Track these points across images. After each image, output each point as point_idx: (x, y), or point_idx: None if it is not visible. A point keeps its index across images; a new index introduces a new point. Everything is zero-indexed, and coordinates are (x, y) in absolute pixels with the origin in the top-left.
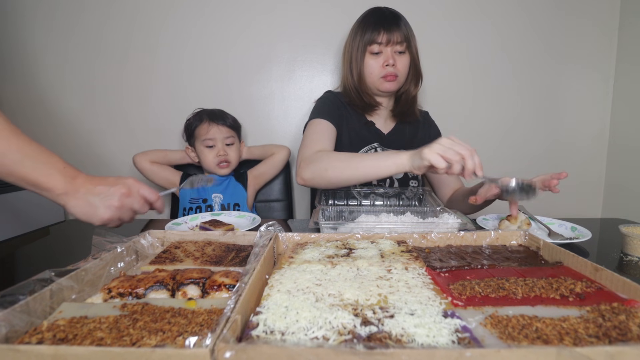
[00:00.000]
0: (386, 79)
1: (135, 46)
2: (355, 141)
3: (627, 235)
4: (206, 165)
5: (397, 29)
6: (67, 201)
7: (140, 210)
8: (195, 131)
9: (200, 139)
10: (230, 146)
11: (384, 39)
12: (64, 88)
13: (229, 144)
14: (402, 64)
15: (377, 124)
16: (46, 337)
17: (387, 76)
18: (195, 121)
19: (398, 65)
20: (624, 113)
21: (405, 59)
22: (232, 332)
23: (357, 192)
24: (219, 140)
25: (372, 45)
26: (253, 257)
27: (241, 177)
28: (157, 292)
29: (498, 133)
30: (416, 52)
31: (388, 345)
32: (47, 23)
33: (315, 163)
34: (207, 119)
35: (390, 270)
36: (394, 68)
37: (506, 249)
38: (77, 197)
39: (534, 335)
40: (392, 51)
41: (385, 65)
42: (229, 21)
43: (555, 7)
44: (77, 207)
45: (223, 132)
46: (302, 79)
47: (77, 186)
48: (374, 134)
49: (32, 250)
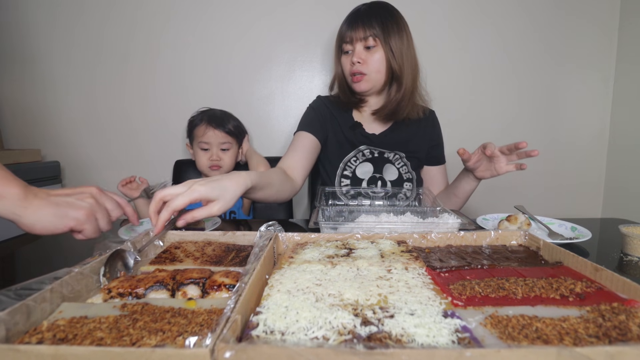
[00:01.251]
0: (354, 79)
1: (136, 46)
2: (344, 146)
3: (627, 235)
4: (199, 165)
5: (363, 25)
6: (26, 207)
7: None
8: (194, 131)
9: (197, 140)
10: (225, 151)
11: (349, 37)
12: (64, 88)
13: (225, 149)
14: (372, 60)
15: (366, 125)
16: (46, 337)
17: (353, 75)
18: (196, 120)
19: (367, 61)
20: (624, 113)
21: (376, 54)
22: (232, 332)
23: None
24: (214, 145)
25: (343, 44)
26: (253, 257)
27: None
28: (157, 292)
29: (498, 133)
30: (400, 48)
31: (388, 345)
32: (48, 23)
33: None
34: (206, 122)
35: (390, 270)
36: (361, 66)
37: (506, 249)
38: (38, 200)
39: (534, 335)
40: (361, 48)
41: (352, 64)
42: (229, 22)
43: (555, 7)
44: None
45: (219, 137)
46: (302, 79)
47: (34, 191)
48: (360, 137)
49: (32, 250)
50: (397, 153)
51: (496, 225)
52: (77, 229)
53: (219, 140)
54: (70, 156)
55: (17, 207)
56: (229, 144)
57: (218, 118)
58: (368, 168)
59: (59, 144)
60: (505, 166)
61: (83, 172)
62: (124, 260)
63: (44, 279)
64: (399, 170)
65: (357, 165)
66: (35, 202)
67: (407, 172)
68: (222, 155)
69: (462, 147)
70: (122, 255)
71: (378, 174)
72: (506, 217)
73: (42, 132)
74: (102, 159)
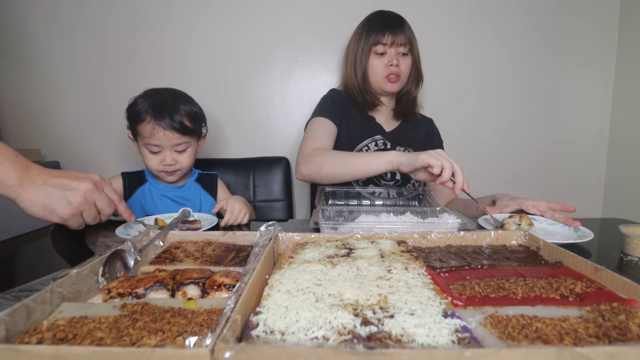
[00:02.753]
0: (389, 80)
1: (136, 46)
2: (357, 134)
3: (627, 235)
4: (148, 168)
5: (401, 32)
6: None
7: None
8: (138, 127)
9: (143, 140)
10: (182, 153)
11: (388, 40)
12: (64, 88)
13: (181, 150)
14: (404, 65)
15: (379, 120)
16: (46, 337)
17: (390, 76)
18: (141, 112)
19: (401, 66)
20: (624, 113)
21: (407, 61)
22: (232, 332)
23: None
24: (167, 147)
25: (377, 46)
26: (253, 257)
27: (209, 184)
28: (157, 292)
29: (498, 133)
30: (418, 55)
31: (388, 345)
32: (48, 23)
33: (313, 160)
34: (152, 117)
35: (390, 270)
36: (397, 68)
37: (506, 249)
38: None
39: (534, 335)
40: (396, 52)
41: (389, 65)
42: (229, 22)
43: (555, 7)
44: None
45: (172, 138)
46: (302, 79)
47: (32, 176)
48: (375, 128)
49: (32, 250)
50: (407, 149)
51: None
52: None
53: (173, 142)
54: (70, 156)
55: (12, 191)
56: (186, 144)
57: (168, 110)
58: None
59: (59, 144)
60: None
61: (83, 172)
62: (124, 260)
63: (44, 279)
64: None
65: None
66: (30, 190)
67: None
68: (177, 157)
69: (461, 146)
70: (121, 255)
71: None
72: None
73: (42, 132)
74: (102, 159)
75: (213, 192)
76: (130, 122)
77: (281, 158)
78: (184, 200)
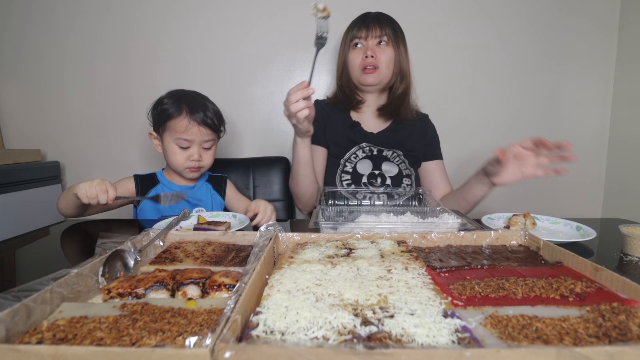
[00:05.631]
0: (365, 71)
1: (137, 47)
2: (342, 144)
3: (627, 235)
4: (173, 164)
5: (377, 24)
6: None
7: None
8: (169, 123)
9: (174, 135)
10: (207, 150)
11: (363, 33)
12: (64, 88)
13: (207, 148)
14: (383, 57)
15: (365, 124)
16: (46, 337)
17: (367, 68)
18: (172, 109)
19: (379, 57)
20: (624, 113)
21: (387, 52)
22: (232, 332)
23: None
24: (197, 143)
25: (354, 40)
26: (253, 257)
27: (218, 184)
28: (157, 292)
29: (498, 133)
30: (404, 51)
31: (388, 345)
32: (48, 23)
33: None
34: (187, 113)
35: (390, 270)
36: (373, 60)
37: (506, 249)
38: None
39: (534, 335)
40: (374, 44)
41: (365, 57)
42: (230, 23)
43: (555, 7)
44: None
45: (204, 134)
46: (302, 79)
47: None
48: (360, 134)
49: (32, 250)
50: (395, 151)
51: (501, 224)
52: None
53: (204, 138)
54: (70, 156)
55: None
56: (212, 141)
57: (200, 106)
58: (367, 164)
59: (59, 144)
60: (533, 169)
61: (83, 172)
62: (124, 260)
63: (44, 279)
64: (399, 166)
65: (357, 162)
66: None
67: (405, 168)
68: (203, 154)
69: (461, 146)
70: (121, 255)
71: (377, 171)
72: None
73: (42, 132)
74: (102, 159)
75: (222, 192)
76: (158, 118)
77: (281, 158)
78: (197, 200)
